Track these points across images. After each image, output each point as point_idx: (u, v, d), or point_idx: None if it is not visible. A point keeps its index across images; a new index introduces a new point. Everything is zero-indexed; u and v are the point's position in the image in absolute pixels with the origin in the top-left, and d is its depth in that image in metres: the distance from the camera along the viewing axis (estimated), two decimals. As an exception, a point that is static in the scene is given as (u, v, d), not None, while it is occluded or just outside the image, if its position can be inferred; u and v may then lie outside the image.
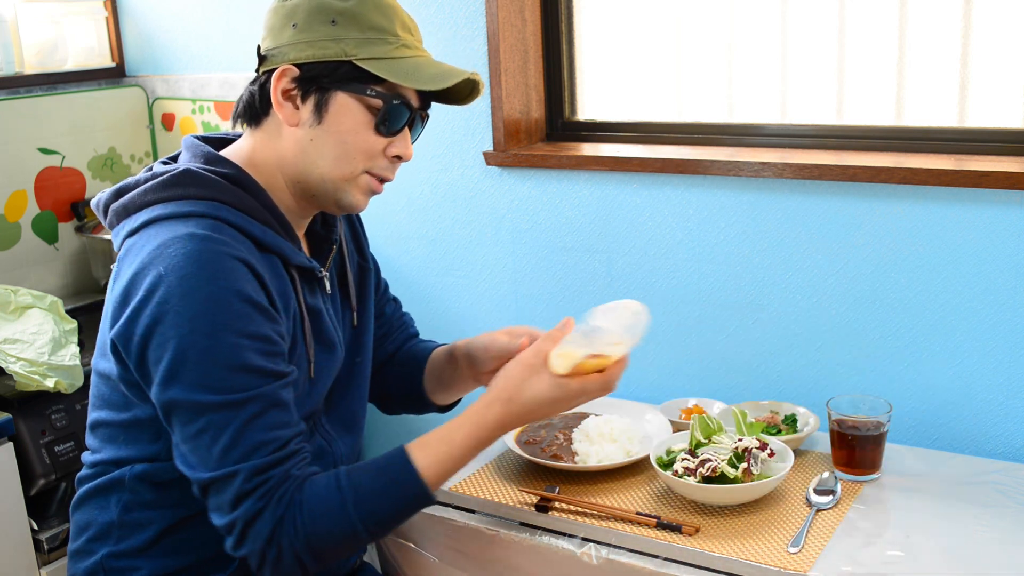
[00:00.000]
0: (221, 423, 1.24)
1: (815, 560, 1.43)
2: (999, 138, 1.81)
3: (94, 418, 1.42)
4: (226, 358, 1.23)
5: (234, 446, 1.24)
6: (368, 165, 1.39)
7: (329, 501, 1.29)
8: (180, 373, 1.23)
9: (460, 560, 1.66)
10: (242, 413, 1.24)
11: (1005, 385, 1.77)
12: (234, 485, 1.25)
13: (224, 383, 1.23)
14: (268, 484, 1.26)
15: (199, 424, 1.24)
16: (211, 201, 1.32)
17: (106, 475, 1.39)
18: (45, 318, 2.08)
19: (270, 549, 1.27)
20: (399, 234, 2.39)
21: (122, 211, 1.36)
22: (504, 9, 2.13)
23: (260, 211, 1.36)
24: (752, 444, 1.59)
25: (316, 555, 1.29)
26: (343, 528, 1.29)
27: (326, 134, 1.36)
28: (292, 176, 1.39)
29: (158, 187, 1.33)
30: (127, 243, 1.33)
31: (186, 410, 1.24)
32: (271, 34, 1.37)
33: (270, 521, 1.26)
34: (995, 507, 1.56)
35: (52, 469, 2.04)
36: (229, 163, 1.37)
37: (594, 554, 1.53)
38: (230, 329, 1.24)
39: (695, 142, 2.11)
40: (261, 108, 1.39)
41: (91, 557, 1.40)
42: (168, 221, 1.30)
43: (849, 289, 1.87)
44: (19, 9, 2.54)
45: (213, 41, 2.62)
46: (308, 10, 1.34)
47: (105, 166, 2.70)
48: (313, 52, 1.33)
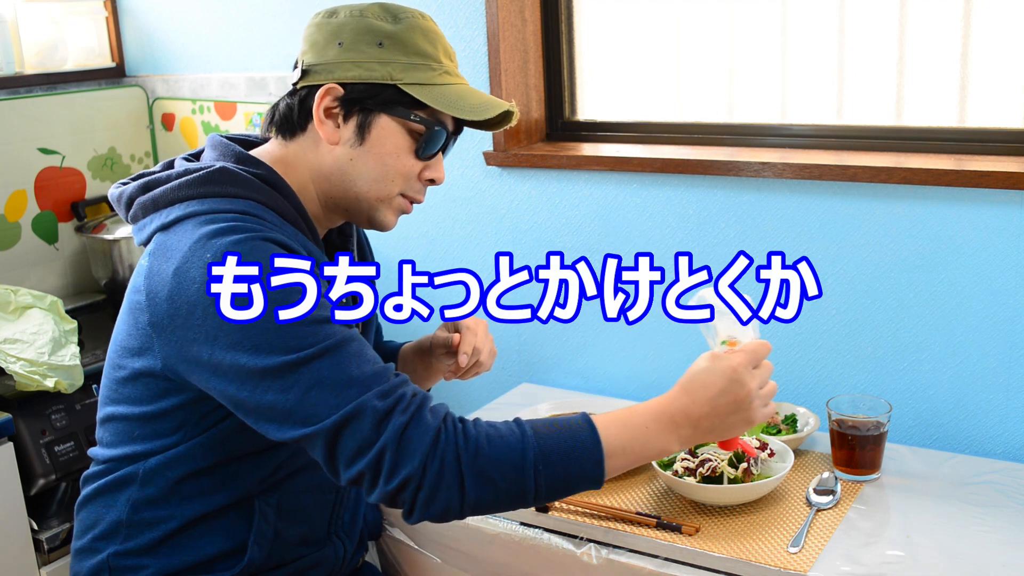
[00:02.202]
0: (326, 371, 1.21)
1: (815, 560, 1.43)
2: (999, 138, 1.81)
3: (107, 412, 1.40)
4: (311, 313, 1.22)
5: (350, 384, 1.21)
6: (404, 188, 1.40)
7: (506, 430, 1.24)
8: (265, 342, 1.20)
9: (460, 560, 1.66)
10: (341, 355, 1.22)
11: (1005, 385, 1.77)
12: (367, 413, 1.20)
13: (312, 337, 1.21)
14: (404, 400, 1.22)
15: (304, 382, 1.20)
16: (247, 200, 1.32)
17: (117, 471, 1.38)
18: (45, 318, 2.08)
19: (431, 462, 1.20)
20: (399, 233, 2.39)
21: (151, 205, 1.34)
22: (504, 9, 2.13)
23: (292, 213, 1.36)
24: (752, 444, 1.59)
25: (480, 478, 1.21)
26: (515, 461, 1.22)
27: (367, 155, 1.37)
28: (326, 190, 1.40)
29: (193, 183, 1.32)
30: (159, 238, 1.31)
31: (285, 375, 1.20)
32: (313, 49, 1.37)
33: (428, 430, 1.21)
34: (995, 507, 1.56)
35: (52, 469, 2.04)
36: (262, 164, 1.37)
37: (594, 554, 1.53)
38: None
39: (695, 142, 2.11)
40: (299, 122, 1.39)
41: (96, 555, 1.40)
42: (204, 216, 1.29)
43: (849, 289, 1.87)
44: (19, 9, 2.54)
45: (213, 41, 2.62)
46: (355, 30, 1.34)
47: (105, 166, 2.70)
48: (359, 73, 1.34)
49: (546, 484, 1.24)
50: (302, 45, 1.40)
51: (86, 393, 2.09)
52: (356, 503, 1.58)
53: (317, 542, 1.48)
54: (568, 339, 2.21)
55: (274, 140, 1.43)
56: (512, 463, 1.23)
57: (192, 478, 1.34)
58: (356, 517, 1.58)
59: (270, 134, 1.44)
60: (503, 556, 1.61)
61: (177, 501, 1.36)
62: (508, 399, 2.12)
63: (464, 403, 2.33)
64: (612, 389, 2.17)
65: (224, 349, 1.22)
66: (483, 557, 1.64)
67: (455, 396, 2.35)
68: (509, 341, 2.29)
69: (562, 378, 2.22)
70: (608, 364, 2.17)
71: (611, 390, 2.17)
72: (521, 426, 1.26)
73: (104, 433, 1.42)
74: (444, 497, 1.21)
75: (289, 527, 1.42)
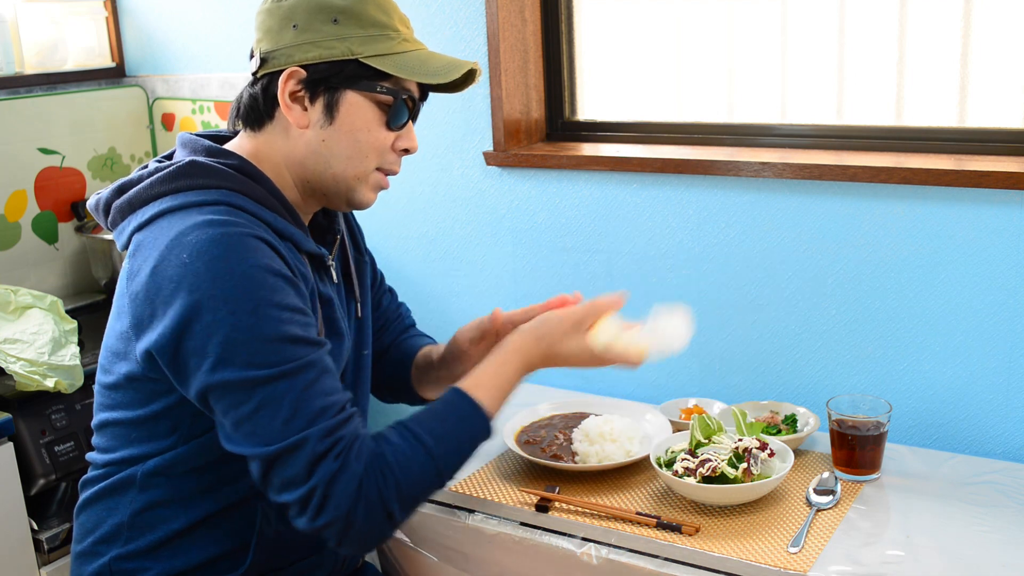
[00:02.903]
0: (279, 395, 1.21)
1: (815, 560, 1.43)
2: (999, 138, 1.81)
3: (102, 419, 1.40)
4: (272, 332, 1.22)
5: (296, 415, 1.22)
6: (379, 161, 1.40)
7: (411, 449, 1.28)
8: (229, 355, 1.21)
9: (460, 560, 1.66)
10: (297, 382, 1.22)
11: (1005, 385, 1.77)
12: (305, 451, 1.21)
13: (275, 356, 1.22)
14: (340, 444, 1.24)
15: (255, 401, 1.21)
16: (221, 189, 1.31)
17: (116, 475, 1.38)
18: (45, 318, 2.08)
19: (357, 507, 1.23)
20: (399, 234, 2.39)
21: (127, 207, 1.34)
22: (504, 9, 2.13)
23: (269, 199, 1.35)
24: (752, 444, 1.59)
25: (405, 504, 1.27)
26: (428, 472, 1.28)
27: (338, 134, 1.36)
28: (301, 176, 1.39)
29: (165, 179, 1.32)
30: (136, 238, 1.31)
31: (239, 390, 1.21)
32: (268, 36, 1.36)
33: (353, 478, 1.23)
34: (995, 507, 1.56)
35: (52, 469, 2.04)
36: (233, 155, 1.37)
37: (594, 554, 1.53)
38: (269, 303, 1.22)
39: (695, 142, 2.11)
40: (265, 111, 1.38)
41: (98, 559, 1.40)
42: (180, 211, 1.28)
43: (849, 289, 1.87)
44: (19, 9, 2.54)
45: (213, 41, 2.62)
46: (308, 10, 1.33)
47: (105, 166, 2.70)
48: (319, 52, 1.33)
49: (451, 465, 1.32)
50: (255, 33, 1.39)
51: (86, 393, 2.09)
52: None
53: (317, 543, 1.48)
54: (568, 339, 2.21)
55: (243, 134, 1.42)
56: (425, 470, 1.28)
57: (192, 480, 1.34)
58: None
59: (237, 127, 1.43)
60: (503, 556, 1.61)
61: (178, 503, 1.36)
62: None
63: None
64: (612, 389, 2.17)
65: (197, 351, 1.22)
66: (483, 557, 1.63)
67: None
68: (509, 341, 2.29)
69: (562, 378, 2.21)
70: (608, 364, 2.17)
71: (611, 390, 2.17)
72: (409, 428, 1.31)
73: (101, 439, 1.42)
74: (376, 532, 1.27)
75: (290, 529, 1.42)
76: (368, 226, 2.37)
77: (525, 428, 1.85)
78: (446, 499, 1.69)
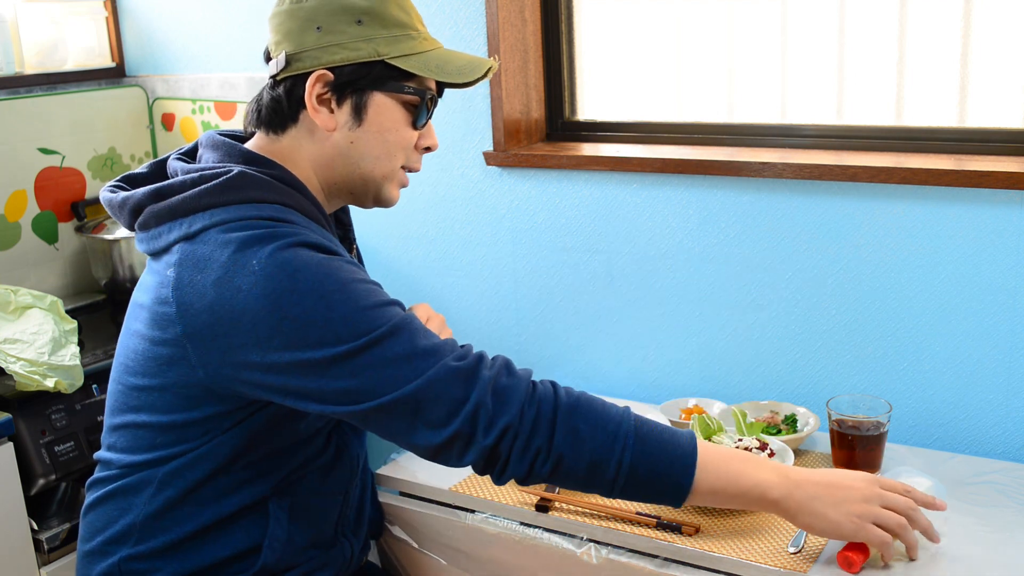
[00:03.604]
0: (396, 345, 1.21)
1: (815, 560, 1.43)
2: (999, 138, 1.81)
3: (125, 420, 1.37)
4: (366, 300, 1.23)
5: (424, 353, 1.21)
6: (405, 160, 1.41)
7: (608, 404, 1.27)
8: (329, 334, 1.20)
9: (460, 560, 1.66)
10: (407, 330, 1.23)
11: (1005, 385, 1.77)
12: (450, 373, 1.21)
13: (376, 319, 1.22)
14: (486, 357, 1.24)
15: (375, 360, 1.20)
16: (272, 204, 1.30)
17: (131, 476, 1.36)
18: (45, 318, 2.08)
19: (529, 408, 1.21)
20: (399, 234, 2.39)
21: (166, 214, 1.31)
22: (504, 9, 2.13)
23: (312, 210, 1.35)
24: (752, 444, 1.60)
25: (571, 433, 1.22)
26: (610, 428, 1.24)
27: (366, 135, 1.36)
28: (328, 177, 1.39)
29: (214, 191, 1.29)
30: (183, 248, 1.28)
31: (352, 357, 1.20)
32: (289, 38, 1.34)
33: (522, 380, 1.22)
34: (995, 507, 1.56)
35: (52, 469, 2.03)
36: (274, 163, 1.35)
37: (594, 554, 1.53)
38: (352, 280, 1.23)
39: (695, 142, 2.11)
40: (290, 114, 1.37)
41: (107, 559, 1.39)
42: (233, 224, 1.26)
43: (849, 289, 1.87)
44: (19, 9, 2.54)
45: (213, 41, 2.62)
46: (331, 11, 1.32)
47: (105, 166, 2.70)
48: (346, 54, 1.32)
49: (631, 465, 1.24)
50: (272, 35, 1.37)
51: (86, 393, 2.09)
52: (361, 502, 1.58)
53: (326, 543, 1.48)
54: (568, 339, 2.21)
55: (261, 135, 1.40)
56: (606, 428, 1.23)
57: (209, 481, 1.34)
58: (361, 516, 1.58)
59: (255, 130, 1.41)
60: (503, 556, 1.61)
61: (193, 504, 1.35)
62: (508, 399, 2.12)
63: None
64: (612, 389, 2.17)
65: (279, 349, 1.21)
66: (483, 557, 1.64)
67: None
68: (509, 341, 2.29)
69: (562, 378, 2.22)
70: (608, 364, 2.17)
71: (611, 390, 2.17)
72: (624, 409, 1.28)
73: (119, 439, 1.39)
74: (535, 445, 1.22)
75: (300, 529, 1.42)
76: (368, 226, 2.37)
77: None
78: (446, 499, 1.69)
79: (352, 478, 1.51)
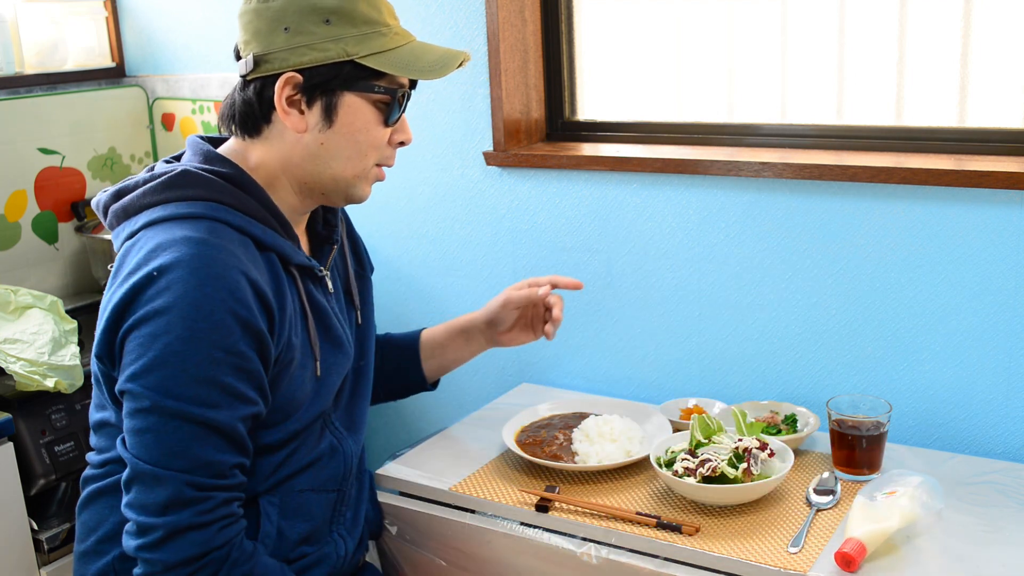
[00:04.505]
0: (173, 429, 1.22)
1: (815, 560, 1.43)
2: (999, 138, 1.81)
3: (98, 419, 1.41)
4: (197, 369, 1.22)
5: (182, 456, 1.23)
6: (377, 158, 1.40)
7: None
8: (149, 371, 1.22)
9: (460, 560, 1.66)
10: (195, 427, 1.23)
11: (1005, 385, 1.77)
12: (169, 490, 1.22)
13: (187, 392, 1.22)
14: (207, 504, 1.24)
15: (150, 421, 1.23)
16: (210, 202, 1.31)
17: (116, 473, 1.38)
18: (45, 318, 2.08)
19: (184, 569, 1.23)
20: (399, 234, 2.39)
21: (121, 213, 1.35)
22: (504, 9, 2.13)
23: (259, 211, 1.35)
24: (752, 444, 1.59)
25: None
26: None
27: (337, 136, 1.36)
28: (299, 178, 1.39)
29: (157, 188, 1.32)
30: (125, 246, 1.32)
31: (144, 405, 1.23)
32: (257, 38, 1.34)
33: (201, 545, 1.23)
34: (995, 507, 1.56)
35: (52, 469, 2.04)
36: (229, 162, 1.36)
37: (594, 554, 1.53)
38: (207, 341, 1.22)
39: (695, 142, 2.11)
40: (262, 116, 1.37)
41: (102, 559, 1.39)
42: (165, 223, 1.29)
43: (849, 289, 1.87)
44: (19, 9, 2.54)
45: (213, 41, 2.62)
46: (299, 11, 1.31)
47: (105, 166, 2.70)
48: (315, 56, 1.31)
49: None
50: (241, 33, 1.36)
51: (86, 393, 2.09)
52: (358, 501, 1.58)
53: (319, 540, 1.48)
54: (568, 339, 2.21)
55: (237, 139, 1.41)
56: None
57: None
58: (358, 515, 1.58)
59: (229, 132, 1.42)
60: (503, 555, 1.61)
61: None
62: (508, 399, 2.12)
63: (465, 403, 2.33)
64: (612, 389, 2.17)
65: (130, 352, 1.24)
66: (483, 556, 1.64)
67: (455, 397, 2.35)
68: (509, 341, 2.29)
69: (562, 378, 2.22)
70: (608, 364, 2.17)
71: (611, 390, 2.17)
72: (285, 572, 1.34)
73: (97, 438, 1.42)
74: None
75: (292, 526, 1.42)
76: (368, 226, 2.37)
77: (525, 428, 1.85)
78: (446, 499, 1.69)
79: (346, 476, 1.51)
